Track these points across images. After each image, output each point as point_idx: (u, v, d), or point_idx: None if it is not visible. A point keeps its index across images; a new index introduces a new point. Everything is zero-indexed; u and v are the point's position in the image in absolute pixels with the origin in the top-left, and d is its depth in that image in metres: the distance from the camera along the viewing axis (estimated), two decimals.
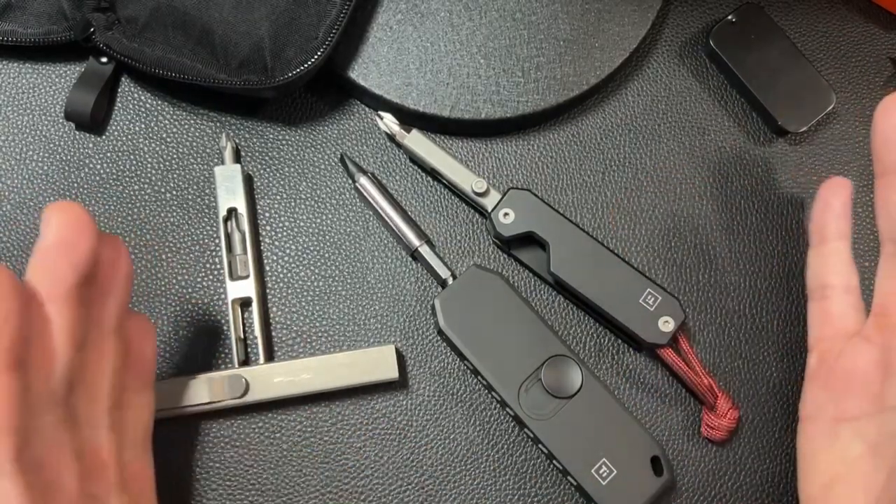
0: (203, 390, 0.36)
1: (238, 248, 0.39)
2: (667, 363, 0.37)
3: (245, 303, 0.38)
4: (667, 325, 0.36)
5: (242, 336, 0.38)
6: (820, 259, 0.35)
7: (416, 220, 0.40)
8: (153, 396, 0.33)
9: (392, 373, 0.36)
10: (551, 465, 0.37)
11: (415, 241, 0.38)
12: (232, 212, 0.39)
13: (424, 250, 0.38)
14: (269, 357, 0.38)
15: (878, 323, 0.32)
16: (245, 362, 0.37)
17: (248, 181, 0.40)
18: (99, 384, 0.29)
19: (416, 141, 0.39)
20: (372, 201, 0.39)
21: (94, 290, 0.29)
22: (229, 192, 0.39)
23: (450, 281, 0.38)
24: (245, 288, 0.38)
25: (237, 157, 0.40)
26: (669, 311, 0.36)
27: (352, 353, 0.36)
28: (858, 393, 0.31)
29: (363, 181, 0.39)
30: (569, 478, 0.35)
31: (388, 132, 0.40)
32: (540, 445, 0.36)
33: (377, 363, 0.36)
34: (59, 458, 0.26)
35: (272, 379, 0.36)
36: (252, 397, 0.36)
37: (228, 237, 0.39)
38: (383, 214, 0.39)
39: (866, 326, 0.32)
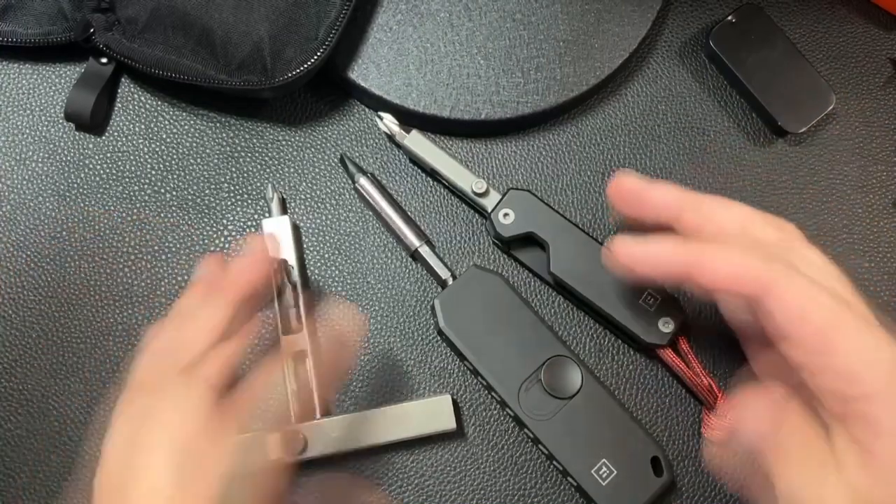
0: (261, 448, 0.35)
1: (290, 301, 0.38)
2: (666, 364, 0.37)
3: (298, 355, 0.37)
4: (666, 325, 0.36)
5: (297, 389, 0.37)
6: None
7: (416, 221, 0.40)
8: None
9: (450, 423, 0.36)
10: (551, 466, 0.37)
11: (415, 241, 0.38)
12: (282, 264, 0.38)
13: (424, 250, 0.38)
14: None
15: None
16: (300, 417, 0.36)
17: (296, 232, 0.40)
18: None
19: (416, 141, 0.39)
20: (372, 202, 0.39)
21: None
22: (278, 245, 0.38)
23: (450, 281, 0.38)
24: (299, 341, 0.37)
25: (284, 209, 0.40)
26: (669, 311, 0.36)
27: (408, 404, 0.36)
28: None
29: (363, 182, 0.39)
30: (569, 478, 0.35)
31: (388, 133, 0.40)
32: (540, 446, 0.36)
33: (434, 414, 0.36)
34: None
35: (330, 434, 0.35)
36: (310, 453, 0.35)
37: (279, 290, 0.38)
38: (383, 215, 0.39)
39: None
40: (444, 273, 0.38)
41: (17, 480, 0.37)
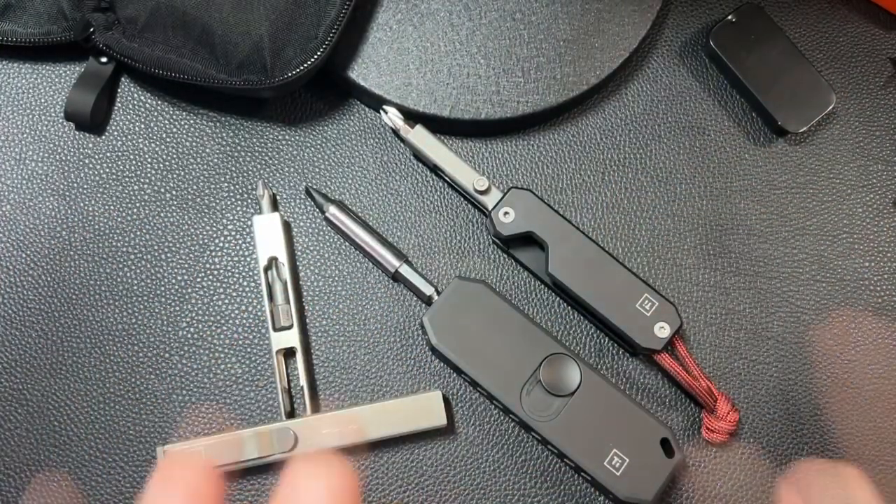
0: (252, 446, 0.35)
1: (280, 298, 0.38)
2: (663, 368, 0.37)
3: (289, 352, 0.38)
4: (662, 331, 0.36)
5: (287, 386, 0.37)
6: None
7: (416, 219, 0.40)
8: None
9: (440, 420, 0.36)
10: (554, 462, 0.37)
11: (394, 262, 0.38)
12: (272, 261, 0.38)
13: (405, 270, 0.38)
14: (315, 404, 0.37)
15: None
16: (291, 414, 0.37)
17: (287, 229, 0.40)
18: None
19: (420, 136, 0.39)
20: (345, 229, 0.38)
21: None
22: (269, 242, 0.38)
23: (435, 297, 0.37)
24: (289, 338, 0.37)
25: (275, 206, 0.40)
26: (665, 317, 0.36)
27: (398, 400, 0.36)
28: None
29: (333, 210, 0.38)
30: (582, 474, 0.35)
31: (392, 126, 0.39)
32: (549, 447, 0.36)
33: (424, 410, 0.36)
34: None
35: (320, 431, 0.35)
36: (301, 450, 0.35)
37: (270, 287, 0.38)
38: (358, 241, 0.38)
39: None
40: (427, 290, 0.38)
41: (17, 480, 0.37)
